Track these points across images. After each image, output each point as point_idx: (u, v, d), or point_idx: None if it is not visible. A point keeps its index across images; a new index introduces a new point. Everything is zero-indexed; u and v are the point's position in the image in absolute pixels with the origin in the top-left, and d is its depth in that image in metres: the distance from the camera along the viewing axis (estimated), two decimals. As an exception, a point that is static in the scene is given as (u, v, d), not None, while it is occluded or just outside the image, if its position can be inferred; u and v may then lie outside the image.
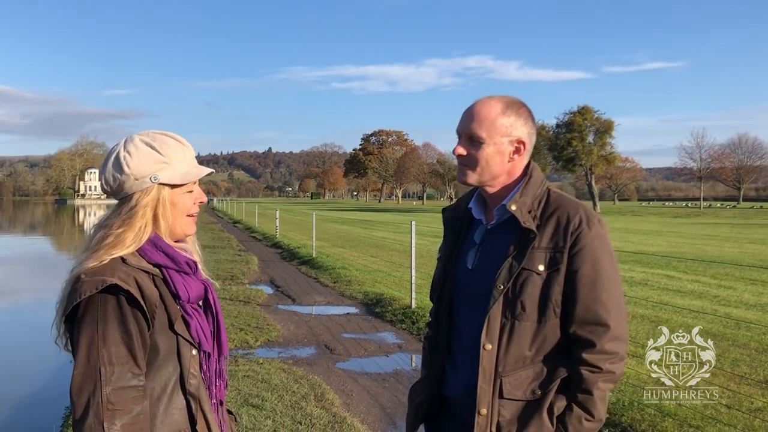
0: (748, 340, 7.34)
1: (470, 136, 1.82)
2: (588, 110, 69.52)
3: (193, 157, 1.69)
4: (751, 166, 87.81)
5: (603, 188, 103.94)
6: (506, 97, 1.86)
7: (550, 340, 1.74)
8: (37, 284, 14.38)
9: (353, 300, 10.53)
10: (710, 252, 19.48)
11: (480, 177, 1.83)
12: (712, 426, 4.42)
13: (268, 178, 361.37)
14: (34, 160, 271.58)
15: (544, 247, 1.74)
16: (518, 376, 1.74)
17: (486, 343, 1.74)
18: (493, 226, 1.86)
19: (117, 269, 1.51)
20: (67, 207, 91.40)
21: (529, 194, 1.80)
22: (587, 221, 1.74)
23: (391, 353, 7.19)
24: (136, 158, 1.59)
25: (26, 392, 6.64)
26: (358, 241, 22.62)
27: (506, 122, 1.80)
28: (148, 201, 1.60)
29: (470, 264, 1.86)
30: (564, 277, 1.72)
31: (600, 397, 1.71)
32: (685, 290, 11.29)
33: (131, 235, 1.56)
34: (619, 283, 1.78)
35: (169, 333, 1.56)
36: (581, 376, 1.71)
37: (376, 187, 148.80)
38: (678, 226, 38.74)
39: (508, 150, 1.82)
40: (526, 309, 1.73)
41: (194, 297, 1.63)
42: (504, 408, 1.73)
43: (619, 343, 1.73)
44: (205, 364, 1.62)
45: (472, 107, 1.85)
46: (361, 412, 5.23)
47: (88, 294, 1.45)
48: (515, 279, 1.73)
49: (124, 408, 1.43)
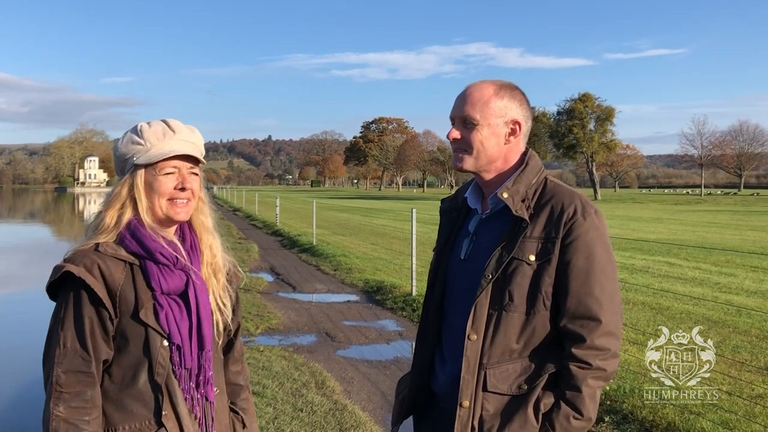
0: (749, 326, 7.34)
1: (464, 118, 1.77)
2: (589, 97, 69.23)
3: (179, 140, 1.67)
4: (752, 154, 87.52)
5: (604, 175, 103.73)
6: (499, 80, 1.82)
7: (539, 333, 1.68)
8: (38, 273, 14.38)
9: (354, 288, 10.53)
10: (711, 239, 19.46)
11: (476, 161, 1.78)
12: (713, 413, 4.42)
13: (268, 166, 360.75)
14: (34, 148, 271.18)
15: (536, 236, 1.68)
16: (504, 369, 1.68)
17: (471, 333, 1.69)
18: (488, 216, 1.81)
19: (86, 256, 1.56)
20: (66, 195, 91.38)
21: (523, 182, 1.75)
22: (582, 211, 1.68)
23: (391, 341, 7.20)
24: (121, 143, 1.68)
25: (28, 383, 6.64)
26: (359, 229, 22.62)
27: (500, 104, 1.76)
28: (125, 182, 1.65)
29: (463, 254, 1.81)
30: (555, 269, 1.66)
31: (589, 395, 1.63)
32: (686, 277, 11.29)
33: (109, 217, 1.62)
34: (614, 276, 1.71)
35: (136, 322, 1.57)
36: (570, 372, 1.64)
37: (376, 175, 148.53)
38: (679, 214, 38.71)
39: (503, 131, 1.77)
40: (514, 300, 1.67)
41: (169, 289, 1.61)
42: (488, 401, 1.67)
43: (612, 339, 1.65)
44: (177, 356, 1.60)
45: (464, 91, 1.81)
46: (362, 399, 5.23)
47: (49, 281, 1.56)
48: (504, 268, 1.68)
49: (71, 391, 1.50)
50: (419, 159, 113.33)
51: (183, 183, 1.67)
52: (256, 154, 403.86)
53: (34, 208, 53.62)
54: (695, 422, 4.25)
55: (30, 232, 28.50)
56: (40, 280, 1.70)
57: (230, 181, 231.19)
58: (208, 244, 1.77)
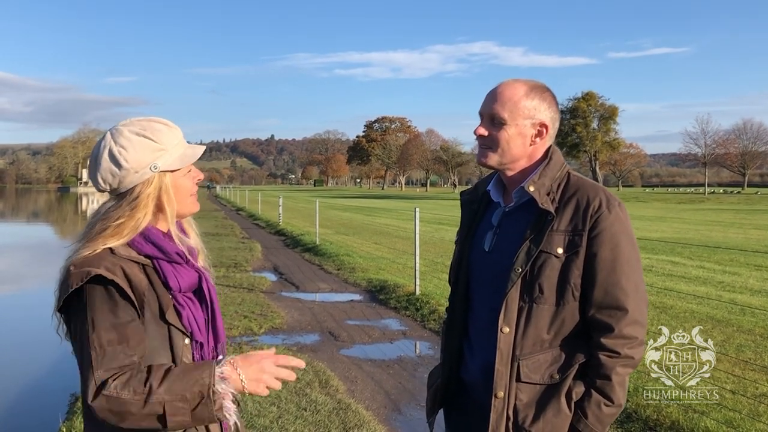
0: (753, 325, 7.32)
1: (492, 116, 1.79)
2: (592, 96, 69.24)
3: (182, 138, 1.67)
4: (755, 152, 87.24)
5: (607, 174, 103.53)
6: (531, 80, 1.83)
7: (568, 323, 1.73)
8: (41, 272, 14.42)
9: (357, 287, 10.53)
10: (715, 238, 19.43)
11: (500, 159, 1.81)
12: (717, 412, 4.41)
13: (271, 166, 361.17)
14: (37, 147, 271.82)
15: (563, 229, 1.72)
16: (536, 360, 1.72)
17: (503, 326, 1.73)
18: (512, 209, 1.84)
19: (104, 259, 1.49)
20: (70, 195, 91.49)
21: (548, 176, 1.78)
22: (607, 204, 1.72)
23: (395, 340, 7.20)
24: (132, 151, 1.56)
25: (31, 382, 6.67)
26: (362, 228, 22.61)
27: (529, 104, 1.78)
28: (150, 191, 1.58)
29: (487, 246, 1.84)
30: (583, 261, 1.70)
31: (619, 382, 1.69)
32: (689, 276, 11.27)
33: (130, 225, 1.55)
34: (638, 267, 1.76)
35: (160, 322, 1.54)
36: (599, 361, 1.69)
37: (379, 174, 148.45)
38: (682, 212, 38.64)
39: (530, 133, 1.79)
40: (544, 292, 1.71)
41: (186, 286, 1.60)
42: (521, 391, 1.72)
43: (638, 327, 1.71)
44: (198, 353, 1.60)
45: (495, 88, 1.82)
46: (366, 398, 5.24)
47: (75, 287, 1.45)
48: (533, 262, 1.71)
49: (118, 383, 1.40)
50: (422, 158, 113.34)
51: (198, 175, 1.69)
52: (259, 154, 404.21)
53: (37, 208, 53.71)
54: (699, 421, 4.25)
55: (35, 231, 28.56)
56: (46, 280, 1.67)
57: (233, 181, 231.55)
58: (196, 234, 1.77)
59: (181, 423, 1.42)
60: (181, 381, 1.42)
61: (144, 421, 1.39)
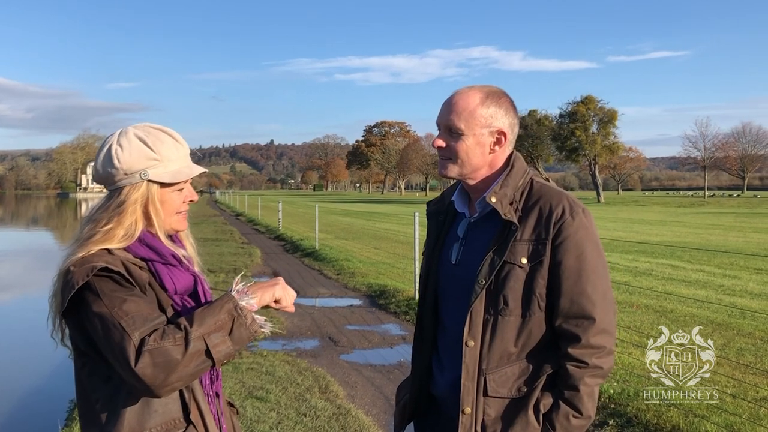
0: (753, 329, 7.32)
1: (449, 127, 1.76)
2: (592, 100, 69.17)
3: (187, 155, 1.66)
4: (755, 155, 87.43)
5: (607, 178, 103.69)
6: (486, 86, 1.79)
7: (535, 335, 1.69)
8: (40, 278, 14.40)
9: (357, 292, 10.53)
10: (715, 241, 19.42)
11: (461, 170, 1.78)
12: (717, 415, 4.40)
13: (271, 171, 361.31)
14: (36, 153, 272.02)
15: (526, 239, 1.68)
16: (503, 373, 1.68)
17: (469, 340, 1.69)
18: (476, 219, 1.80)
19: (103, 257, 1.50)
20: (69, 200, 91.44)
21: (510, 185, 1.74)
22: (570, 211, 1.68)
23: (395, 345, 7.19)
24: (128, 153, 1.57)
25: (30, 388, 6.66)
26: (361, 233, 22.61)
27: (486, 113, 1.74)
28: (137, 197, 1.58)
29: (454, 258, 1.81)
30: (548, 270, 1.67)
31: (587, 393, 1.65)
32: (689, 280, 11.26)
33: (121, 232, 1.55)
34: (605, 274, 1.72)
35: None
36: (567, 372, 1.65)
37: (378, 179, 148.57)
38: (682, 216, 38.62)
39: (488, 141, 1.76)
40: (509, 304, 1.67)
41: (182, 288, 1.61)
42: (489, 406, 1.68)
43: (606, 336, 1.67)
44: None
45: (450, 98, 1.78)
46: (366, 403, 5.23)
47: (81, 283, 1.44)
48: (497, 273, 1.68)
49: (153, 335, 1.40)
50: (422, 162, 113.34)
51: (192, 196, 1.68)
52: (258, 159, 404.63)
53: (36, 214, 53.66)
54: (699, 425, 4.24)
55: (34, 238, 28.52)
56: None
57: (232, 186, 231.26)
58: (191, 242, 1.78)
59: (226, 352, 1.45)
60: (208, 314, 1.45)
61: (191, 363, 1.40)
